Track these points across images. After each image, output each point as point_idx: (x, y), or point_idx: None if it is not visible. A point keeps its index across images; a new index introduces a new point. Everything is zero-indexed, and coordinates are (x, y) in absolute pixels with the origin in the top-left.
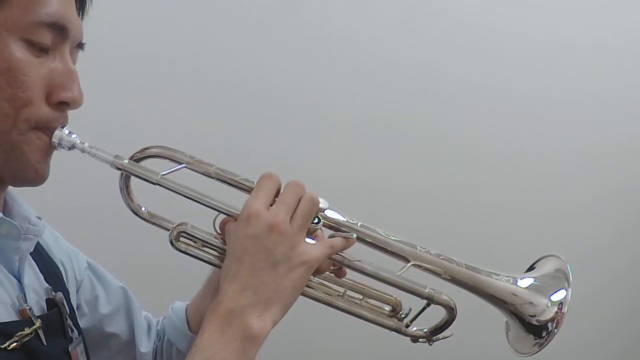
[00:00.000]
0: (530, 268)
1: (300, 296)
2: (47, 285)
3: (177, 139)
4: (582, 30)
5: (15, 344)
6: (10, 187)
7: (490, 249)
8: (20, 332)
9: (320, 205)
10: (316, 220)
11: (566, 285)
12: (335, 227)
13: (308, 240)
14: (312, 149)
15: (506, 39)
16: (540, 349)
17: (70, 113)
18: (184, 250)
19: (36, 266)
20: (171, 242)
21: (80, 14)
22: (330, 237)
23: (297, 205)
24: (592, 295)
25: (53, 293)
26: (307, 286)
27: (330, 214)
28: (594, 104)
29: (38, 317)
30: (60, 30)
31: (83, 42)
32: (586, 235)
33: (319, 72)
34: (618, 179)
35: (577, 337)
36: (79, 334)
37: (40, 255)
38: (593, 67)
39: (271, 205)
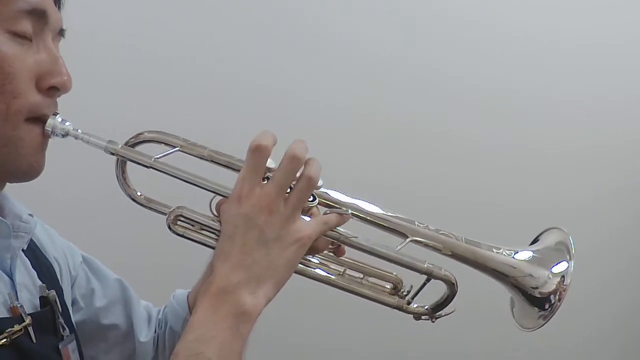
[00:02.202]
0: (535, 241)
1: (304, 278)
2: (40, 282)
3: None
4: (582, 30)
5: (4, 340)
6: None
7: None
8: (9, 329)
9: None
10: (312, 198)
11: (568, 257)
12: (331, 204)
13: (302, 217)
14: (311, 149)
15: (506, 39)
16: (546, 322)
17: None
18: (181, 233)
19: (29, 264)
20: (169, 226)
21: (57, 5)
22: (324, 214)
23: (294, 182)
24: (592, 294)
25: (47, 291)
26: (307, 266)
27: (325, 191)
28: (594, 104)
29: (29, 314)
30: (40, 15)
31: (63, 28)
32: (586, 235)
33: (319, 72)
34: (618, 179)
35: (577, 335)
36: (70, 332)
37: (34, 253)
38: (593, 67)
39: (264, 179)
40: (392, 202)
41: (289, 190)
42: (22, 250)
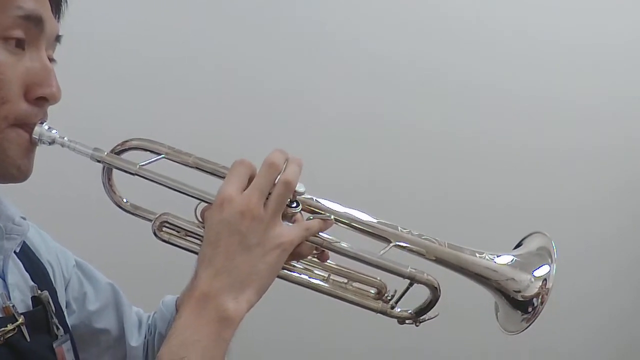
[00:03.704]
0: (518, 246)
1: (290, 284)
2: (32, 283)
3: (170, 139)
4: (582, 30)
5: None
6: None
7: (490, 249)
8: (3, 329)
9: (299, 189)
10: (295, 205)
11: (549, 261)
12: (314, 210)
13: (285, 223)
14: (311, 149)
15: (506, 39)
16: (529, 325)
17: (55, 110)
18: (166, 239)
19: (22, 265)
20: (154, 233)
21: (57, 16)
22: (307, 220)
23: (272, 188)
24: (592, 295)
25: (38, 291)
26: (291, 271)
27: (309, 198)
28: (594, 104)
29: (21, 314)
30: (36, 22)
31: (60, 34)
32: (586, 235)
33: (318, 71)
34: (618, 179)
35: (577, 335)
36: (65, 332)
37: (27, 256)
38: (593, 67)
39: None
40: (392, 202)
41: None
42: (15, 252)
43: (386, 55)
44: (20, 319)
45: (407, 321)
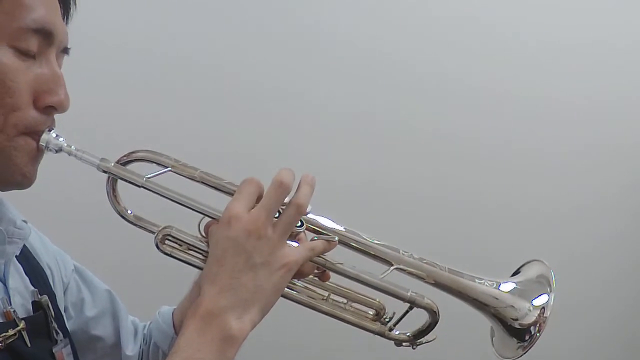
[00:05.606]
0: (516, 272)
1: (287, 301)
2: (32, 288)
3: (173, 142)
4: (581, 30)
5: None
6: None
7: (489, 250)
8: (4, 334)
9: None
10: (299, 224)
11: (548, 290)
12: (318, 230)
13: (290, 242)
14: (311, 149)
15: (506, 39)
16: (525, 352)
17: (59, 117)
18: (169, 253)
19: (22, 269)
20: (157, 245)
21: (65, 18)
22: (312, 240)
23: (282, 208)
24: (592, 295)
25: (39, 296)
26: (292, 289)
27: (313, 217)
28: (594, 104)
29: (22, 319)
30: (46, 35)
31: (68, 47)
32: (586, 235)
33: (318, 72)
34: (618, 179)
35: (578, 335)
36: (65, 336)
37: (27, 259)
38: (593, 67)
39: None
40: (390, 202)
41: (277, 214)
42: (15, 256)
43: (386, 55)
44: (21, 324)
45: (404, 344)
